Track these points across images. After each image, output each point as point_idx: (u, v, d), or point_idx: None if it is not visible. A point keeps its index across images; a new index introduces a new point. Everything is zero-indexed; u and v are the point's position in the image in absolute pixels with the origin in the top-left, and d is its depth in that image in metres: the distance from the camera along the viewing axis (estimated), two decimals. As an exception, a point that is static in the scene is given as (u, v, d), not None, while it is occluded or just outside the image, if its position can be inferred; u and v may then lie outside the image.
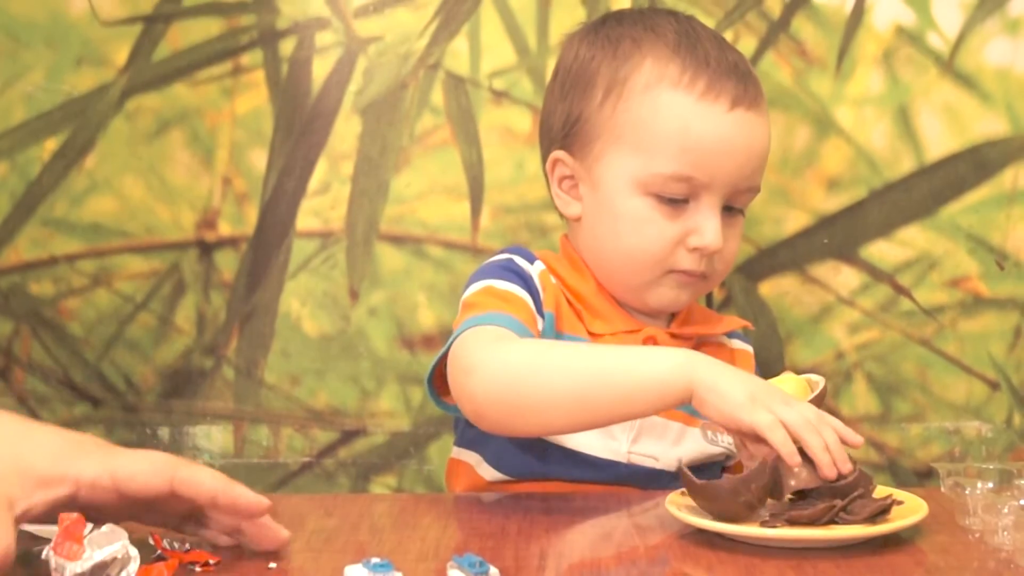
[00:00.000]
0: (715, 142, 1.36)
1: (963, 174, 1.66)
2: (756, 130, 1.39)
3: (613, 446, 1.39)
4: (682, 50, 1.39)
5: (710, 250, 1.38)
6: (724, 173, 1.37)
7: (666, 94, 1.38)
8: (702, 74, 1.38)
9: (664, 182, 1.37)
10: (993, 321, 1.67)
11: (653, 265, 1.39)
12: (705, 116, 1.37)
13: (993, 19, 1.64)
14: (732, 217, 1.41)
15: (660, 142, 1.37)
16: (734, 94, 1.37)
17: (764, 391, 1.19)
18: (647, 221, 1.38)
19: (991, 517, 1.14)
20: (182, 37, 1.66)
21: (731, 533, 1.14)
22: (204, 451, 1.68)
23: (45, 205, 1.68)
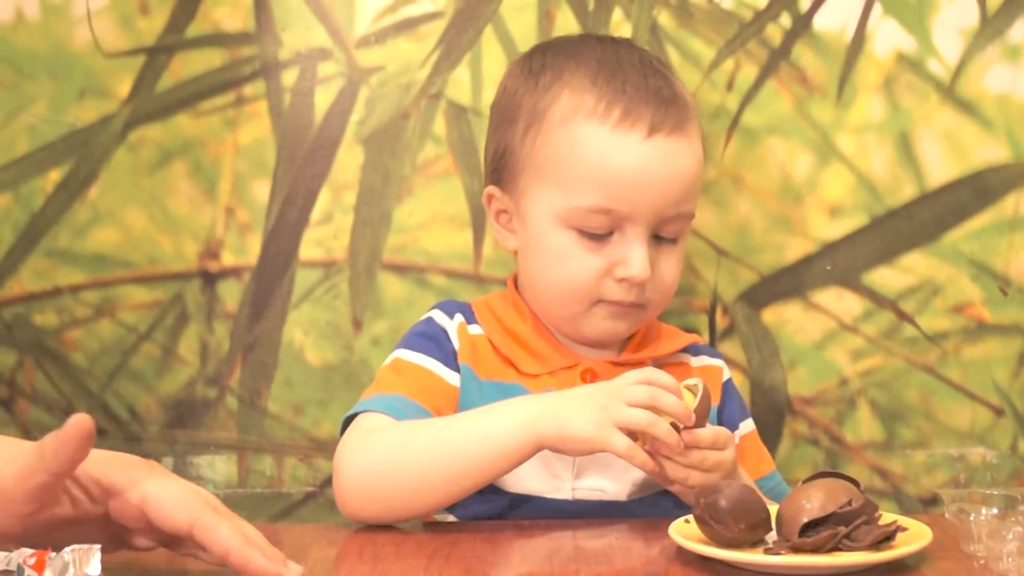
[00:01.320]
0: (632, 173, 1.35)
1: (965, 200, 1.66)
2: (678, 157, 1.37)
3: (555, 484, 1.38)
4: (600, 79, 1.38)
5: (636, 280, 1.36)
6: (645, 203, 1.35)
7: (582, 126, 1.37)
8: (617, 103, 1.36)
9: (584, 215, 1.36)
10: (997, 347, 1.67)
11: (581, 297, 1.39)
12: (620, 146, 1.35)
13: (993, 46, 1.64)
14: (664, 245, 1.40)
15: (577, 176, 1.36)
16: (651, 121, 1.36)
17: (603, 407, 1.24)
18: (571, 255, 1.38)
19: (995, 543, 1.14)
20: (185, 68, 1.67)
21: (736, 561, 1.14)
22: (208, 481, 1.68)
23: (49, 236, 1.68)
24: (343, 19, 1.66)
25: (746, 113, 1.66)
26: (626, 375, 1.28)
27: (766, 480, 1.46)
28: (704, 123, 1.64)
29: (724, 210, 1.67)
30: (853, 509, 1.13)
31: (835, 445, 1.67)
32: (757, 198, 1.66)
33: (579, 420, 1.25)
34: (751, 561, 1.13)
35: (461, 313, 1.45)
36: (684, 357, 1.47)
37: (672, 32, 1.65)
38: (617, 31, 1.64)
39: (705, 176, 1.65)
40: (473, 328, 1.44)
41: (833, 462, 1.67)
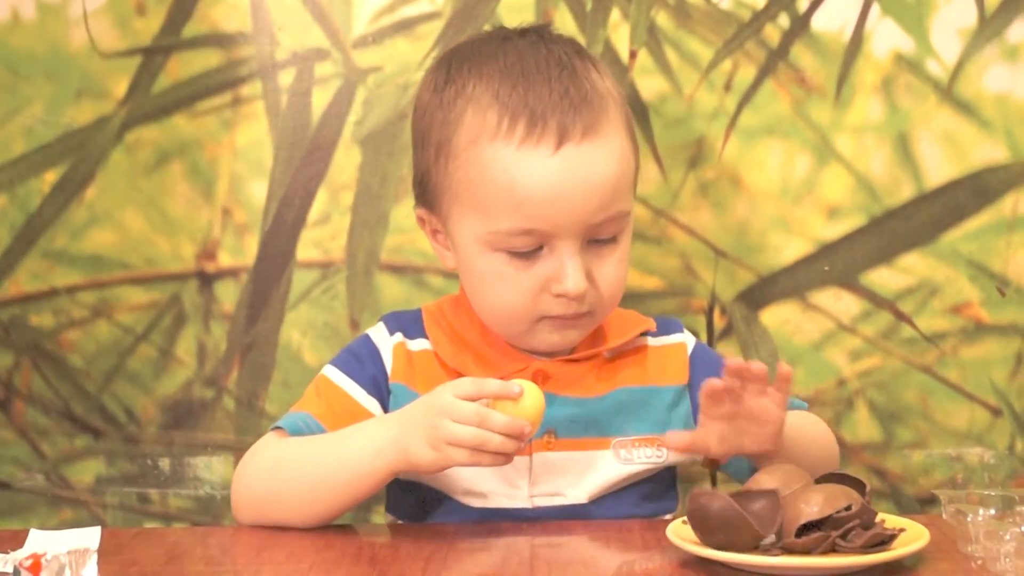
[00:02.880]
0: (545, 190, 1.30)
1: (963, 201, 1.66)
2: (594, 163, 1.32)
3: (513, 492, 1.37)
4: (503, 91, 1.32)
5: (572, 295, 1.32)
6: (565, 218, 1.31)
7: (487, 149, 1.32)
8: (521, 116, 1.31)
9: (507, 238, 1.32)
10: (995, 348, 1.67)
11: (521, 317, 1.35)
12: (528, 165, 1.30)
13: (992, 46, 1.64)
14: (604, 247, 1.35)
15: (491, 201, 1.32)
16: (559, 131, 1.30)
17: (433, 426, 1.24)
18: (502, 277, 1.34)
19: (993, 544, 1.14)
20: (181, 69, 1.67)
21: (734, 562, 1.14)
22: (205, 482, 1.68)
23: (45, 237, 1.68)
24: (340, 19, 1.66)
25: (744, 114, 1.65)
26: (455, 384, 1.25)
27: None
28: (702, 124, 1.65)
29: (722, 210, 1.66)
30: (850, 514, 1.13)
31: (833, 446, 1.67)
32: (755, 199, 1.66)
33: (417, 445, 1.25)
34: (752, 563, 1.13)
35: (403, 329, 1.42)
36: (643, 341, 1.44)
37: (670, 32, 1.64)
38: (615, 32, 1.64)
39: (703, 177, 1.65)
40: (416, 343, 1.41)
41: (831, 463, 1.67)
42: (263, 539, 1.30)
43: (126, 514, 1.69)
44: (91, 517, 1.69)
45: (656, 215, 1.66)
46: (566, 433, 1.37)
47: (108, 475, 1.69)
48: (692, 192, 1.66)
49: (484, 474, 1.34)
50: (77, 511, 1.69)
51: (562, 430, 1.37)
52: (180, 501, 1.69)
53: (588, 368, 1.40)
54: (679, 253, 1.67)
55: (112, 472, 1.69)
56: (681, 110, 1.65)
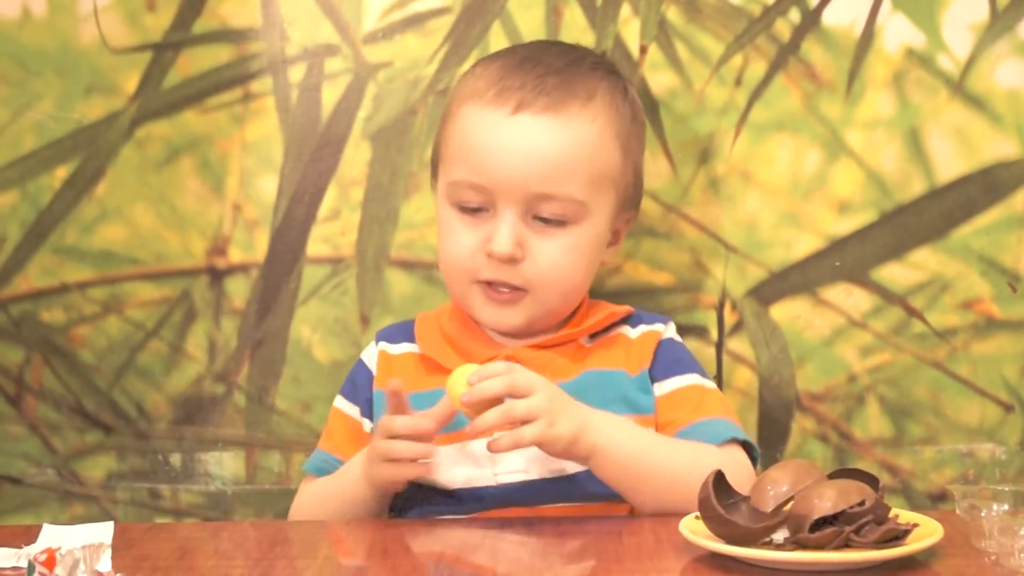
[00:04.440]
0: (492, 145, 1.40)
1: (974, 196, 1.65)
2: (543, 134, 1.40)
3: (477, 473, 1.40)
4: (494, 67, 1.45)
5: (497, 255, 1.40)
6: (505, 177, 1.39)
7: (465, 107, 1.44)
8: (496, 83, 1.42)
9: (458, 190, 1.42)
10: (1006, 343, 1.66)
11: (460, 274, 1.44)
12: (485, 121, 1.41)
13: (1003, 41, 1.64)
14: (550, 228, 1.42)
15: (454, 151, 1.44)
16: (521, 99, 1.40)
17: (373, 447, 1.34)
18: (452, 230, 1.44)
19: (1007, 539, 1.14)
20: (192, 64, 1.67)
21: (747, 557, 1.14)
22: (216, 478, 1.68)
23: (56, 233, 1.68)
24: (350, 15, 1.66)
25: (755, 109, 1.65)
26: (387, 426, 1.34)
27: (690, 429, 1.41)
28: (713, 119, 1.65)
29: (733, 206, 1.66)
30: (863, 509, 1.13)
31: (844, 441, 1.67)
32: (766, 194, 1.66)
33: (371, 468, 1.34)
34: (765, 558, 1.13)
35: (388, 337, 1.51)
36: (622, 330, 1.49)
37: (681, 28, 1.64)
38: (625, 27, 1.64)
39: (713, 172, 1.65)
40: (400, 347, 1.50)
41: (842, 458, 1.67)
42: (275, 534, 1.30)
43: (137, 509, 1.69)
44: (102, 512, 1.69)
45: (666, 210, 1.66)
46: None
47: (119, 471, 1.69)
48: (702, 187, 1.66)
49: (452, 456, 1.39)
50: (88, 507, 1.69)
51: None
52: (191, 497, 1.69)
53: (560, 354, 1.45)
54: (689, 248, 1.66)
55: (123, 467, 1.69)
56: (691, 105, 1.65)
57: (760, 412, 1.67)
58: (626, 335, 1.48)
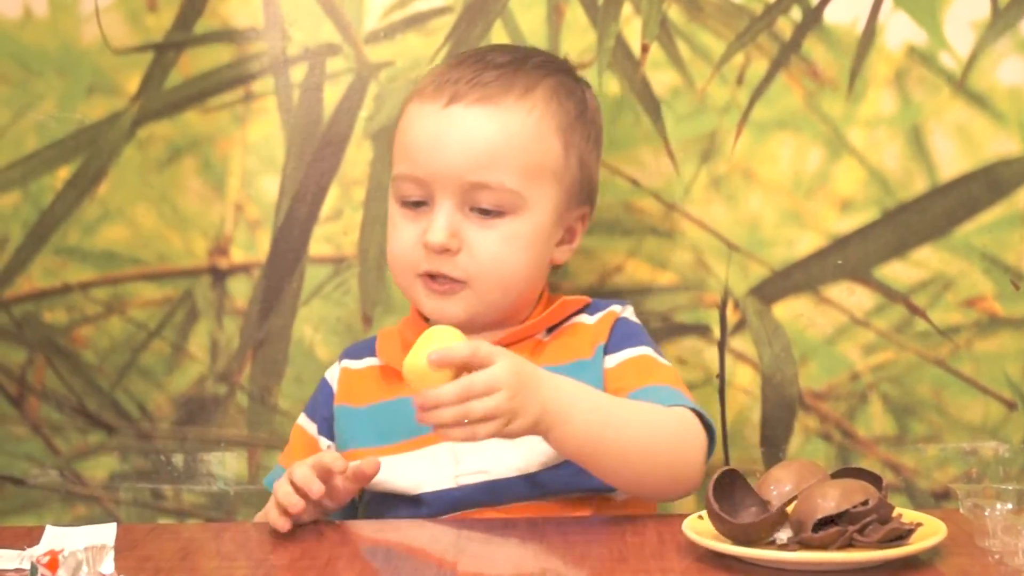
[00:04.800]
0: (425, 137, 1.42)
1: (977, 194, 1.65)
2: (474, 124, 1.42)
3: (440, 475, 1.39)
4: (439, 67, 1.49)
5: (432, 245, 1.40)
6: (439, 168, 1.41)
7: (408, 107, 1.47)
8: (435, 79, 1.45)
9: (399, 185, 1.45)
10: (1009, 341, 1.66)
11: (403, 268, 1.45)
12: (419, 114, 1.44)
13: (1005, 38, 1.64)
14: (488, 219, 1.42)
15: (396, 148, 1.47)
16: (455, 92, 1.42)
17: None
18: (395, 225, 1.46)
19: (1011, 538, 1.13)
20: (193, 65, 1.67)
21: (750, 557, 1.14)
22: (218, 478, 1.68)
23: (58, 233, 1.68)
24: (352, 14, 1.66)
25: (756, 107, 1.65)
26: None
27: (637, 393, 1.39)
28: (714, 117, 1.65)
29: (735, 204, 1.66)
30: (867, 508, 1.13)
31: (847, 440, 1.67)
32: (768, 192, 1.66)
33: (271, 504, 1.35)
34: (768, 558, 1.13)
35: (351, 354, 1.53)
36: (579, 319, 1.49)
37: (682, 26, 1.64)
38: (627, 26, 1.64)
39: (716, 171, 1.65)
40: (362, 363, 1.51)
41: (845, 457, 1.66)
42: (278, 535, 1.30)
43: (140, 510, 1.69)
44: (105, 513, 1.69)
45: (668, 209, 1.66)
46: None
47: (121, 471, 1.69)
48: (704, 186, 1.66)
49: (413, 462, 1.39)
50: (91, 507, 1.69)
51: None
52: (193, 497, 1.69)
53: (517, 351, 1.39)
54: (691, 247, 1.66)
55: (125, 468, 1.69)
56: (693, 104, 1.65)
57: (763, 411, 1.67)
58: (584, 323, 1.48)
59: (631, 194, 1.66)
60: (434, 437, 1.38)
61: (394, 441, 1.42)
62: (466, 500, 1.38)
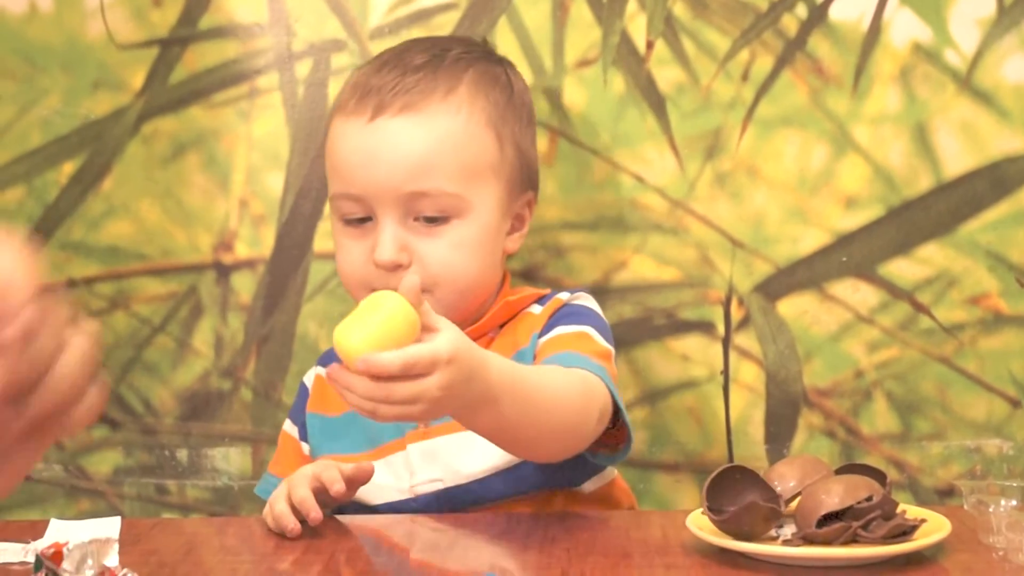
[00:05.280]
0: (354, 154, 1.40)
1: (982, 191, 1.65)
2: (405, 133, 1.39)
3: (399, 485, 1.38)
4: (358, 75, 1.45)
5: (382, 264, 1.37)
6: (375, 184, 1.38)
7: (333, 122, 1.44)
8: (356, 93, 1.42)
9: (338, 204, 1.42)
10: (1014, 339, 1.66)
11: (357, 286, 1.41)
12: (346, 132, 1.41)
13: (1011, 36, 1.63)
14: (433, 227, 1.39)
15: (329, 166, 1.44)
16: (379, 103, 1.39)
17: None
18: (340, 246, 1.43)
19: (1015, 535, 1.13)
20: (198, 60, 1.67)
21: (754, 552, 1.14)
22: (223, 473, 1.68)
23: (62, 229, 1.68)
24: (357, 10, 1.66)
25: (761, 104, 1.65)
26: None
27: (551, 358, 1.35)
28: (719, 114, 1.64)
29: (739, 201, 1.66)
30: (871, 505, 1.13)
31: (851, 437, 1.67)
32: (773, 189, 1.66)
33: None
34: (771, 553, 1.13)
35: (325, 361, 1.49)
36: (530, 309, 1.45)
37: (687, 23, 1.64)
38: (632, 22, 1.64)
39: (720, 167, 1.65)
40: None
41: (849, 454, 1.66)
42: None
43: (144, 505, 1.69)
44: (109, 508, 1.69)
45: (673, 206, 1.66)
46: (439, 419, 1.34)
47: (126, 466, 1.69)
48: (709, 183, 1.66)
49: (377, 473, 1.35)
50: (95, 502, 1.69)
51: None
52: (197, 492, 1.69)
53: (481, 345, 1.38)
54: (696, 244, 1.66)
55: (130, 463, 1.69)
56: (698, 101, 1.65)
57: (767, 408, 1.67)
58: (532, 313, 1.45)
59: (635, 190, 1.66)
60: (393, 446, 1.38)
61: (360, 451, 1.40)
62: (422, 511, 1.37)
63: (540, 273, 1.66)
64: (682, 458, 1.68)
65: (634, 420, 1.65)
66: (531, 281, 1.65)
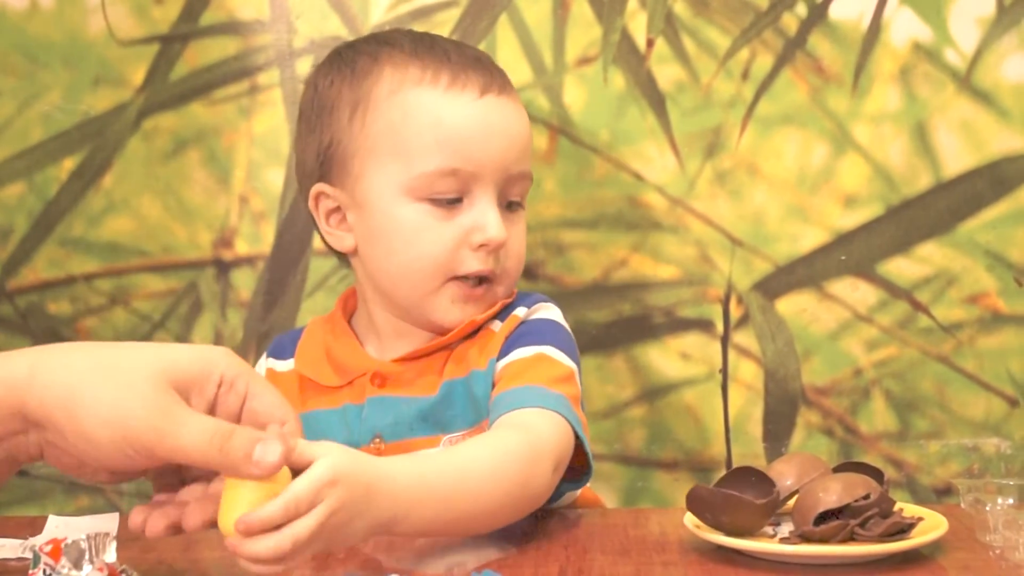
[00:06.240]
0: (472, 128, 1.33)
1: (981, 190, 1.65)
2: (512, 113, 1.37)
3: None
4: (419, 52, 1.37)
5: (495, 243, 1.33)
6: (489, 158, 1.33)
7: (411, 94, 1.35)
8: (444, 68, 1.35)
9: (432, 182, 1.33)
10: (1012, 338, 1.66)
11: (434, 274, 1.34)
12: (455, 105, 1.34)
13: (1010, 35, 1.64)
14: (512, 212, 1.38)
15: (416, 141, 1.33)
16: (481, 82, 1.35)
17: None
18: (423, 229, 1.34)
19: (1012, 533, 1.14)
20: (199, 56, 1.67)
21: (751, 550, 1.14)
22: (221, 470, 1.68)
23: (63, 225, 1.68)
24: (357, 7, 1.66)
25: (761, 102, 1.65)
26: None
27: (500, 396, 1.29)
28: (719, 112, 1.65)
29: (739, 200, 1.66)
30: (868, 502, 1.13)
31: (849, 435, 1.67)
32: (772, 188, 1.66)
33: None
34: (765, 550, 1.13)
35: (276, 352, 1.45)
36: (493, 324, 1.38)
37: (688, 21, 1.64)
38: (632, 20, 1.64)
39: (720, 166, 1.65)
40: (283, 364, 1.43)
41: (847, 452, 1.67)
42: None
43: (142, 501, 1.68)
44: (107, 504, 1.69)
45: (673, 204, 1.66)
46: (392, 437, 1.36)
47: (125, 462, 1.69)
48: (709, 181, 1.66)
49: None
50: (93, 498, 1.70)
51: (388, 434, 1.36)
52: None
53: (428, 364, 1.37)
54: (695, 242, 1.66)
55: (129, 459, 1.69)
56: (698, 99, 1.65)
57: (766, 406, 1.67)
58: (492, 330, 1.38)
59: (635, 188, 1.66)
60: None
61: None
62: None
63: (540, 271, 1.67)
64: (681, 456, 1.68)
65: (632, 418, 1.66)
66: (531, 279, 1.65)
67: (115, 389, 0.93)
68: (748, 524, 1.16)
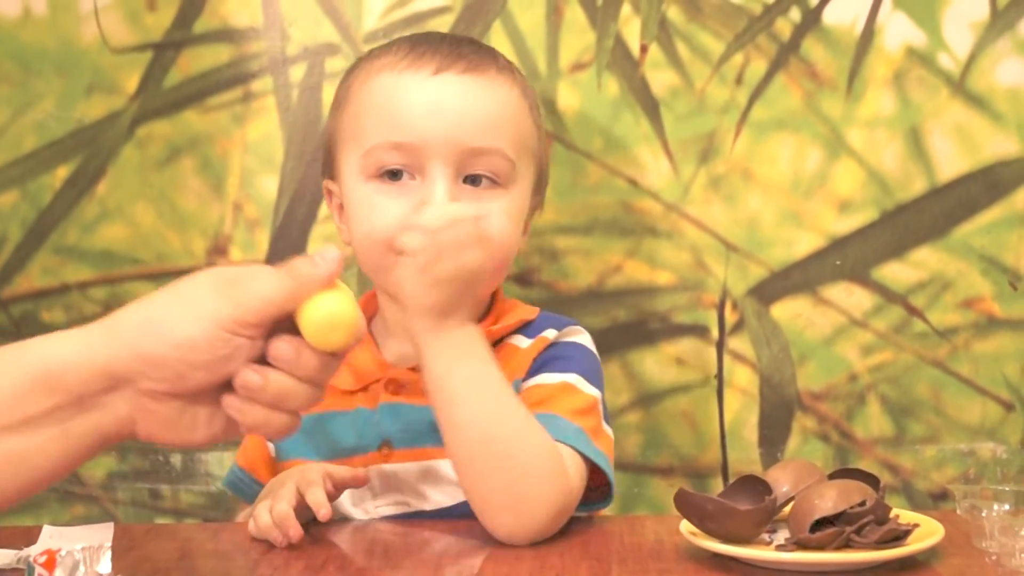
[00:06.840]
0: (418, 104, 1.33)
1: (975, 195, 1.65)
2: (471, 90, 1.34)
3: (363, 507, 1.37)
4: (397, 46, 1.39)
5: None
6: (434, 133, 1.32)
7: (374, 79, 1.37)
8: (407, 53, 1.36)
9: (378, 156, 1.33)
10: (1007, 342, 1.66)
11: (382, 250, 1.32)
12: (407, 83, 1.34)
13: (1004, 39, 1.64)
14: (481, 189, 1.34)
15: (370, 121, 1.35)
16: (441, 62, 1.35)
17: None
18: (373, 205, 1.34)
19: (1008, 539, 1.13)
20: (192, 64, 1.67)
21: (747, 558, 1.14)
22: (216, 478, 1.68)
23: (56, 233, 1.68)
24: (351, 14, 1.66)
25: (755, 107, 1.65)
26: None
27: None
28: (713, 118, 1.65)
29: (733, 205, 1.66)
30: (864, 509, 1.13)
31: (845, 440, 1.67)
32: (766, 193, 1.66)
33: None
34: (760, 557, 1.13)
35: None
36: (514, 340, 1.39)
37: (681, 26, 1.64)
38: (626, 26, 1.64)
39: (714, 171, 1.65)
40: None
41: (843, 457, 1.67)
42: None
43: (138, 510, 1.69)
44: (103, 513, 1.69)
45: (667, 209, 1.66)
46: (402, 444, 1.36)
47: (120, 471, 1.69)
48: (703, 186, 1.66)
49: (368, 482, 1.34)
50: (89, 507, 1.69)
51: (397, 441, 1.36)
52: (192, 497, 1.69)
53: None
54: (690, 247, 1.66)
55: (124, 468, 1.69)
56: (692, 104, 1.65)
57: (761, 411, 1.67)
58: (516, 346, 1.39)
59: (630, 194, 1.66)
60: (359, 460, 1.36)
61: (321, 458, 1.37)
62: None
63: (535, 277, 1.67)
64: (676, 462, 1.68)
65: (628, 424, 1.66)
66: (526, 285, 1.65)
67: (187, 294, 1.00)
68: (738, 531, 1.15)
